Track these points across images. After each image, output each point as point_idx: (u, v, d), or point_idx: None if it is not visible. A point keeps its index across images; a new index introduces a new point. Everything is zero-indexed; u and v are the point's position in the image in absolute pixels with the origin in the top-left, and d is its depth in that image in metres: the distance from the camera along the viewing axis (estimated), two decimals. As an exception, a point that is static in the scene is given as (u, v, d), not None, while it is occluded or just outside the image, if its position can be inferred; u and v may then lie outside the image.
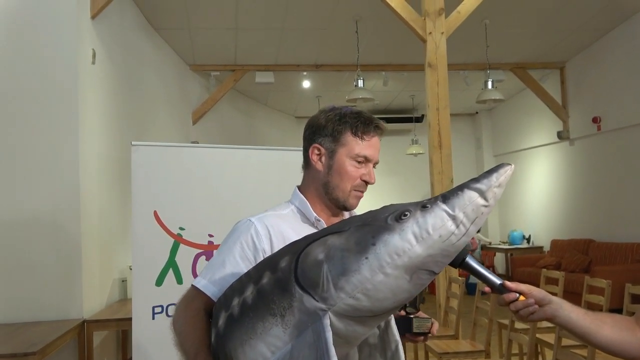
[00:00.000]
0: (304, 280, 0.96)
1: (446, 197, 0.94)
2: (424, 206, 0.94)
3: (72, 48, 3.78)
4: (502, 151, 10.12)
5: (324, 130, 1.28)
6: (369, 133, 1.27)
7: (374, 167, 1.30)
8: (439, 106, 4.51)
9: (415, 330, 1.22)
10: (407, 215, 0.93)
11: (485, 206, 0.93)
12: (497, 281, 1.10)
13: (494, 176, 0.93)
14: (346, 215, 1.32)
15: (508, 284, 1.10)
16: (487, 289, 1.12)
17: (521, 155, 9.53)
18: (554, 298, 1.13)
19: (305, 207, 1.28)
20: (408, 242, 0.91)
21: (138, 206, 2.94)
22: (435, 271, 0.95)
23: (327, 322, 0.94)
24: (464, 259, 1.07)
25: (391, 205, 1.00)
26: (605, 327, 1.14)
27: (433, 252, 0.91)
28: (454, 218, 0.91)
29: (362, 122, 1.27)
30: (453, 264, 1.07)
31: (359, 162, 1.26)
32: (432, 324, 1.24)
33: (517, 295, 1.10)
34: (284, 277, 0.99)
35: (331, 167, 1.27)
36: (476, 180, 0.94)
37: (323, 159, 1.28)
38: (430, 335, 1.25)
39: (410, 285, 0.94)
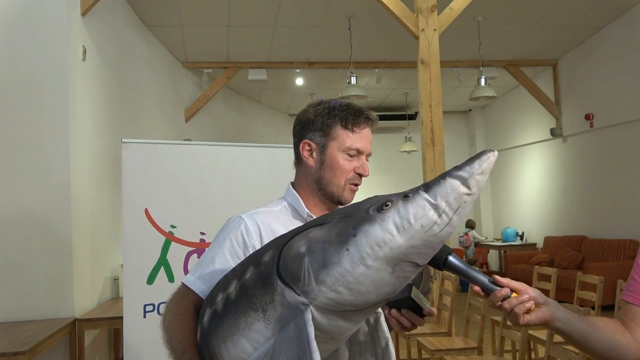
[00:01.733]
0: (285, 274, 0.94)
1: (428, 186, 0.90)
2: (405, 196, 0.91)
3: (62, 45, 3.74)
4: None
5: (313, 125, 1.26)
6: (360, 125, 1.24)
7: (366, 159, 1.28)
8: (432, 103, 4.51)
9: (412, 296, 1.10)
10: (388, 205, 0.90)
11: (468, 194, 0.88)
12: (485, 278, 1.03)
13: (477, 163, 0.88)
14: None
15: (498, 278, 1.02)
16: (476, 288, 1.03)
17: (514, 153, 9.56)
18: (550, 299, 1.04)
19: (297, 203, 1.27)
20: (389, 233, 0.88)
21: (129, 204, 2.91)
22: (419, 263, 0.92)
23: (308, 316, 0.92)
24: (447, 258, 1.01)
25: (374, 196, 0.97)
26: (600, 330, 1.07)
27: (415, 242, 0.88)
28: (436, 207, 0.88)
29: (352, 114, 1.24)
30: (436, 265, 1.02)
31: (351, 155, 1.24)
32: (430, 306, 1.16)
33: (510, 291, 1.00)
34: (267, 271, 0.97)
35: (323, 162, 1.25)
36: (458, 167, 0.89)
37: (314, 154, 1.26)
38: (425, 313, 1.14)
39: (393, 277, 0.91)
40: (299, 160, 1.30)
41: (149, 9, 5.63)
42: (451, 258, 1.01)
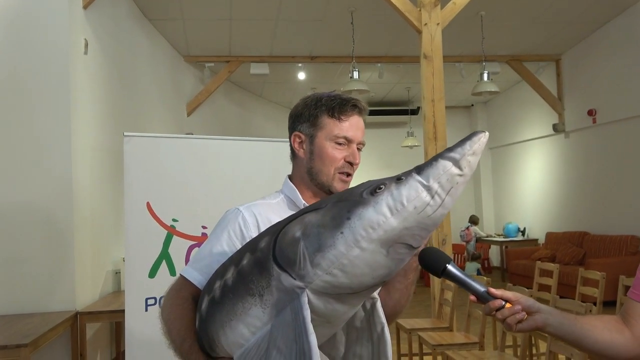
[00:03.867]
0: (281, 259, 0.95)
1: (420, 169, 0.92)
2: (398, 179, 0.92)
3: (63, 38, 3.73)
4: (498, 144, 10.12)
5: (301, 116, 1.27)
6: (347, 112, 1.24)
7: (359, 148, 1.28)
8: (434, 98, 4.49)
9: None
10: (381, 188, 0.91)
11: (460, 175, 0.89)
12: (481, 288, 1.06)
13: (468, 144, 0.90)
14: None
15: (493, 290, 1.06)
16: (472, 297, 1.07)
17: (516, 148, 9.53)
18: (543, 306, 1.10)
19: (294, 195, 1.28)
20: (382, 215, 0.89)
21: (130, 198, 2.91)
22: (414, 245, 0.93)
23: (304, 299, 0.93)
24: (445, 267, 1.03)
25: (368, 180, 0.98)
26: (596, 331, 1.12)
27: (408, 224, 0.89)
28: (428, 189, 0.89)
29: (339, 103, 1.24)
30: (435, 273, 1.04)
31: (339, 144, 1.24)
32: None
33: (503, 302, 1.05)
34: (263, 257, 0.99)
35: (312, 152, 1.26)
36: (450, 149, 0.91)
37: (304, 145, 1.27)
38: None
39: (388, 259, 0.92)
40: (293, 154, 1.32)
41: (151, 2, 5.61)
42: (450, 267, 1.04)
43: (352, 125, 1.25)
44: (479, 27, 6.41)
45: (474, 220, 9.40)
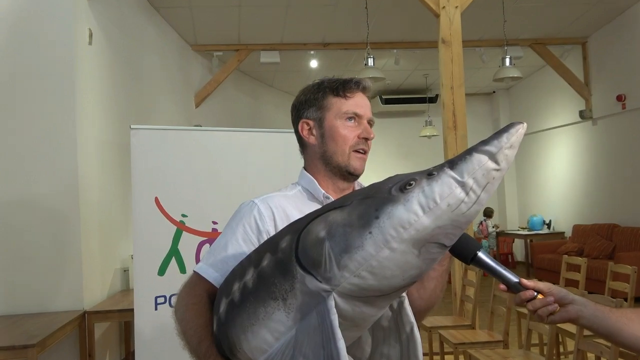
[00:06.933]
0: (305, 260, 0.92)
1: (453, 163, 0.86)
2: (429, 174, 0.87)
3: (67, 28, 3.72)
4: None
5: (306, 103, 1.28)
6: (351, 89, 1.24)
7: (370, 124, 1.27)
8: (454, 85, 4.44)
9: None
10: (412, 184, 0.87)
11: (497, 170, 0.85)
12: (514, 278, 1.04)
13: (505, 136, 0.84)
14: (356, 187, 1.29)
15: (525, 281, 1.05)
16: (502, 286, 1.06)
17: (541, 136, 9.34)
18: (577, 297, 1.08)
19: (312, 186, 1.26)
20: (414, 213, 0.85)
21: (138, 192, 2.91)
22: (446, 244, 0.89)
23: (331, 303, 0.90)
24: (476, 254, 1.01)
25: (396, 175, 0.93)
26: (632, 324, 1.09)
27: (442, 223, 0.85)
28: (462, 185, 0.84)
29: (341, 82, 1.25)
30: (464, 260, 1.02)
31: (350, 119, 1.24)
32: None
33: (535, 293, 1.04)
34: (285, 258, 0.95)
35: (324, 135, 1.25)
36: (485, 142, 0.85)
37: (314, 130, 1.27)
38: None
39: (420, 260, 0.88)
40: (302, 144, 1.31)
41: (158, -10, 5.52)
42: (480, 254, 1.02)
43: (358, 102, 1.25)
44: (500, 9, 6.20)
45: (487, 214, 9.21)
